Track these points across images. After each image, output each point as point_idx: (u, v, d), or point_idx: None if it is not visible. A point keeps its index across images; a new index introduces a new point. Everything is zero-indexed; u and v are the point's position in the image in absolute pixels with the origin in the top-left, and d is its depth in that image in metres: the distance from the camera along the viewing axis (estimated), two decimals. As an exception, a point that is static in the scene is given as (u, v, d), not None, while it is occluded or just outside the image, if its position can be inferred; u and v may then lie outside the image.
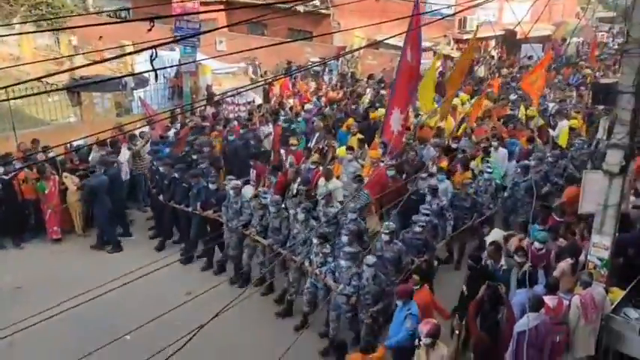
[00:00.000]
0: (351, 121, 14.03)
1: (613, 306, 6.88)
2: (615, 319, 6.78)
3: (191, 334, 4.31)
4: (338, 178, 10.90)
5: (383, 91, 17.74)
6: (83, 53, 18.07)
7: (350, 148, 11.71)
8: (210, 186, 10.22)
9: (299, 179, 10.68)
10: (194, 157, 11.89)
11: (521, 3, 19.61)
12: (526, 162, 11.01)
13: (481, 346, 6.17)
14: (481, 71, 21.90)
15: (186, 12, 16.51)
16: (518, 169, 10.68)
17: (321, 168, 11.12)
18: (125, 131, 12.85)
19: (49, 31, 20.86)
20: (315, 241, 8.07)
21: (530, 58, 23.97)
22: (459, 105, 15.58)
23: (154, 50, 4.09)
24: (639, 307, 6.98)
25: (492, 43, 26.33)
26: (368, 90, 18.45)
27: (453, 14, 22.32)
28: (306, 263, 8.33)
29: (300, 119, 14.95)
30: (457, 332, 6.36)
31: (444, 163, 11.35)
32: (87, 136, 10.95)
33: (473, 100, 15.42)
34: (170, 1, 18.18)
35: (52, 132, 13.74)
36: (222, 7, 27.38)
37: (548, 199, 10.48)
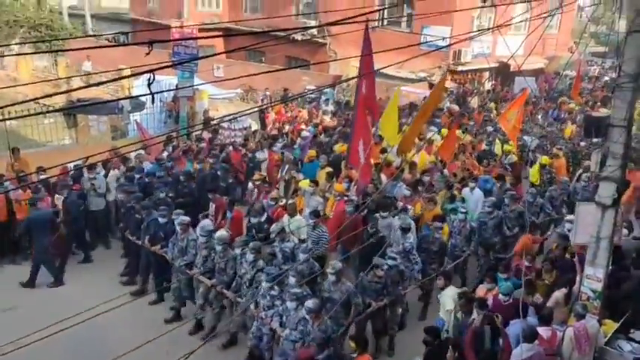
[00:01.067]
0: (313, 152, 13.48)
1: (606, 338, 6.87)
2: (609, 352, 6.77)
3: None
4: (301, 212, 10.47)
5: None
6: (80, 75, 18.16)
7: (314, 182, 11.27)
8: (160, 220, 9.63)
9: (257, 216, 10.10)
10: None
11: (515, 36, 19.97)
12: (492, 198, 10.66)
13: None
14: (475, 102, 22.11)
15: (184, 37, 16.68)
16: (486, 207, 10.29)
17: (283, 203, 10.77)
18: (120, 154, 12.83)
19: (46, 52, 20.98)
20: (263, 283, 7.59)
21: (522, 90, 24.28)
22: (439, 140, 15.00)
23: (151, 74, 4.14)
24: (632, 339, 6.98)
25: (486, 75, 26.70)
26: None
27: (447, 46, 22.69)
28: (252, 306, 7.86)
29: (295, 147, 15.01)
30: None
31: (418, 205, 10.74)
32: (80, 159, 10.95)
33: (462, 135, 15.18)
34: (169, 27, 18.40)
35: (47, 154, 13.74)
36: (220, 33, 27.70)
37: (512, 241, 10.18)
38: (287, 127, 17.49)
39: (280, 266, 8.29)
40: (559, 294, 7.60)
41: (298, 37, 25.62)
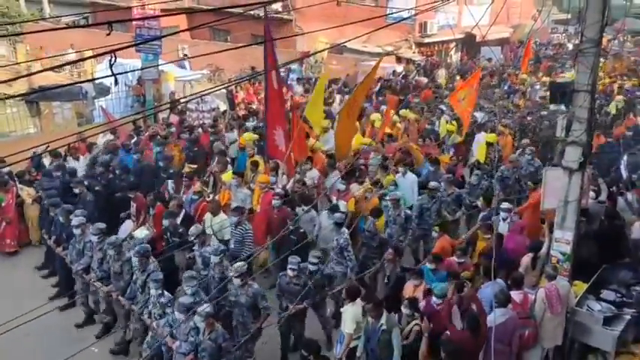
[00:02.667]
0: (248, 137, 12.40)
1: (577, 299, 7.07)
2: (580, 312, 6.95)
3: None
4: (226, 207, 9.66)
5: (348, 96, 17.83)
6: (36, 60, 17.59)
7: (238, 174, 10.49)
8: (61, 219, 9.07)
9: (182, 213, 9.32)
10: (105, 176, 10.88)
11: (480, 6, 20.03)
12: (434, 183, 9.98)
13: (452, 345, 6.20)
14: (441, 75, 22.21)
15: (144, 17, 16.26)
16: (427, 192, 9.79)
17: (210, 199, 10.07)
18: (86, 140, 12.57)
19: (4, 36, 20.30)
20: (152, 290, 7.05)
21: (489, 60, 24.47)
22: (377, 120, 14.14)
23: (112, 55, 4.04)
24: (602, 299, 7.19)
25: (452, 46, 26.82)
26: (337, 96, 18.42)
27: (410, 17, 22.68)
28: (145, 315, 7.35)
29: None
30: (426, 335, 6.36)
31: (352, 202, 9.77)
32: (44, 144, 10.53)
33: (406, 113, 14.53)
34: (130, 8, 17.94)
35: (11, 144, 13.39)
36: (183, 14, 27.13)
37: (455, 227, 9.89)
38: (255, 106, 17.33)
39: (200, 272, 7.78)
40: (526, 259, 7.78)
41: (262, 13, 25.25)
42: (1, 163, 10.22)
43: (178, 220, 8.91)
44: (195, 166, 11.40)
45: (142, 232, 9.03)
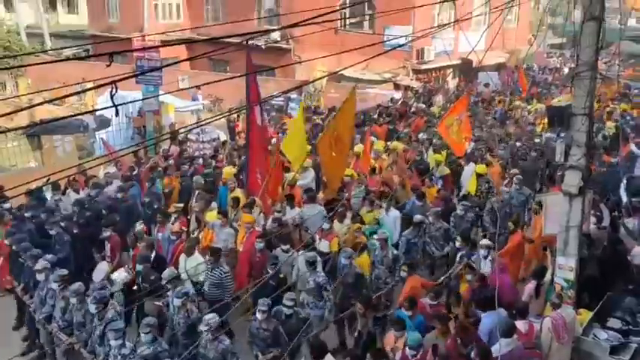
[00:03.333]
0: (229, 171, 11.81)
1: (582, 327, 6.97)
2: (586, 341, 6.85)
3: None
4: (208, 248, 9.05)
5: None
6: (35, 92, 17.75)
7: (223, 213, 9.85)
8: (29, 263, 8.47)
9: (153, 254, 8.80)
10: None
11: (476, 32, 20.24)
12: (419, 217, 9.56)
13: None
14: (439, 101, 22.34)
15: (145, 47, 16.45)
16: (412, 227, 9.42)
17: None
18: (87, 173, 12.56)
19: (5, 69, 20.54)
20: (112, 341, 6.54)
21: (487, 85, 24.63)
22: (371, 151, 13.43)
23: (114, 85, 4.06)
24: (608, 327, 7.09)
25: (449, 72, 27.05)
26: None
27: (407, 43, 22.89)
28: None
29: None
30: None
31: (335, 241, 9.25)
32: (45, 177, 10.39)
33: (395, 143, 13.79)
34: (130, 40, 18.16)
35: (12, 178, 13.40)
36: (182, 43, 27.43)
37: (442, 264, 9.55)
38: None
39: (173, 320, 7.37)
40: (530, 286, 7.70)
41: (261, 43, 25.54)
42: (2, 199, 10.20)
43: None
44: (182, 205, 10.91)
45: (120, 275, 8.52)
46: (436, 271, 9.75)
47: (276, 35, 26.72)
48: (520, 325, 6.61)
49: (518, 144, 15.19)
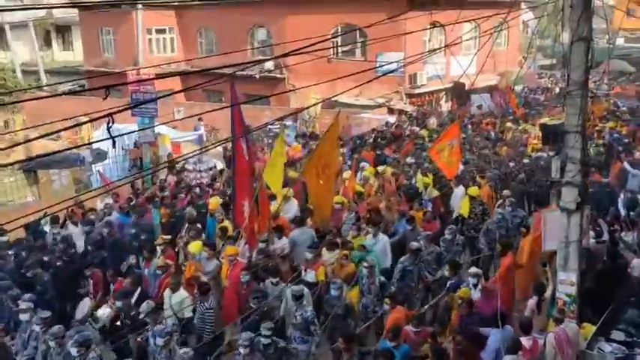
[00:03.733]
0: (215, 202, 11.63)
1: (587, 341, 6.95)
2: (591, 355, 6.83)
3: None
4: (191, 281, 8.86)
5: (342, 149, 17.91)
6: (30, 128, 17.84)
7: (210, 245, 9.69)
8: (10, 303, 8.19)
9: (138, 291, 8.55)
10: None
11: (467, 56, 20.56)
12: (415, 244, 9.27)
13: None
14: (433, 122, 22.53)
15: (141, 81, 16.62)
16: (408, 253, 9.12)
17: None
18: (83, 206, 12.57)
19: (1, 105, 20.73)
20: None
21: (479, 107, 24.87)
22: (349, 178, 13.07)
23: (110, 117, 4.13)
24: (612, 340, 7.07)
25: (442, 95, 27.36)
26: None
27: (398, 69, 23.19)
28: None
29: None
30: None
31: (321, 270, 8.98)
32: (42, 210, 10.39)
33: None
34: (125, 74, 18.36)
35: (9, 213, 13.40)
36: (176, 75, 27.74)
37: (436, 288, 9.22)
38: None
39: (155, 356, 7.11)
40: (532, 302, 7.70)
41: (256, 74, 25.84)
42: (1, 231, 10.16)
43: (134, 299, 8.23)
44: (169, 237, 10.58)
45: (104, 311, 8.25)
46: (432, 298, 9.30)
47: (269, 65, 27.03)
48: (524, 341, 6.60)
49: (512, 164, 15.18)
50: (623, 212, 10.94)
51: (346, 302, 7.99)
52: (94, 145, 17.29)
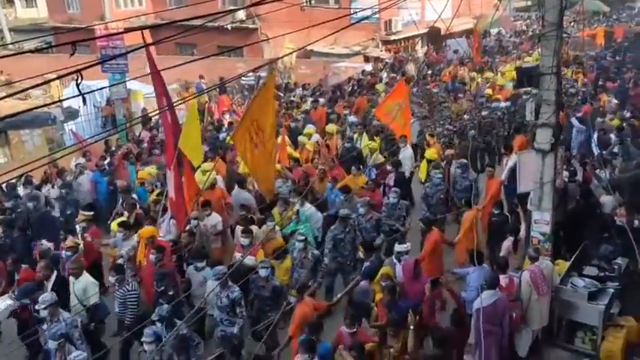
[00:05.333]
0: (147, 172, 10.86)
1: (560, 277, 7.17)
2: (564, 290, 7.06)
3: None
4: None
5: (321, 99, 17.70)
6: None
7: (124, 224, 8.84)
8: None
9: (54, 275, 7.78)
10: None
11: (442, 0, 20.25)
12: (344, 210, 8.60)
13: (440, 333, 6.28)
14: (411, 69, 22.37)
15: (109, 36, 16.11)
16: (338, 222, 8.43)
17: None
18: (57, 165, 12.36)
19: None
20: None
21: (456, 52, 24.72)
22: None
23: (78, 74, 4.01)
24: (585, 275, 7.31)
25: (418, 41, 27.09)
26: (309, 99, 18.07)
27: (373, 14, 22.85)
28: None
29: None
30: (412, 327, 6.36)
31: (261, 253, 8.14)
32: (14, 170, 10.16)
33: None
34: (92, 29, 17.78)
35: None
36: (145, 29, 26.96)
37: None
38: (227, 117, 17.24)
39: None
40: (507, 243, 7.89)
41: (228, 25, 25.22)
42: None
43: (50, 285, 7.55)
44: (91, 212, 9.53)
45: (3, 303, 7.50)
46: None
47: (241, 15, 26.36)
48: (501, 279, 6.78)
49: (466, 117, 14.15)
50: (596, 151, 11.13)
51: (274, 284, 7.40)
52: (65, 104, 16.89)
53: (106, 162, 12.84)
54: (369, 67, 23.71)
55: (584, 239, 7.86)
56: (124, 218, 9.32)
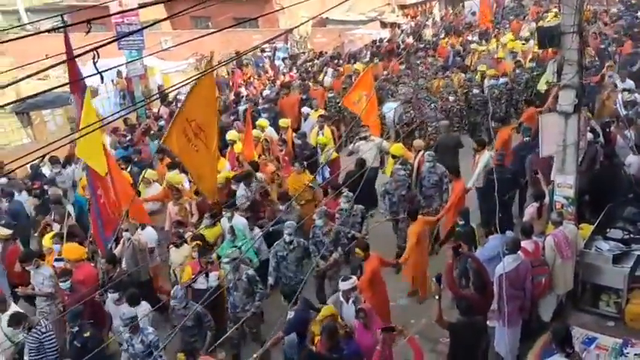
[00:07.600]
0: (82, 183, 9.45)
1: (585, 241, 7.10)
2: (589, 253, 7.00)
3: None
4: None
5: (340, 68, 17.46)
6: (21, 67, 17.50)
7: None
8: None
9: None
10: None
11: (459, -40, 19.70)
12: (289, 222, 7.61)
13: (465, 302, 6.25)
14: (428, 33, 21.96)
15: (124, 14, 16.06)
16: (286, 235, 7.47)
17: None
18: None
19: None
20: None
21: (474, 14, 24.14)
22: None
23: (95, 52, 4.02)
24: (609, 238, 7.22)
25: (435, 4, 26.56)
26: (327, 68, 17.57)
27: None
28: None
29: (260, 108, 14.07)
30: (437, 297, 6.24)
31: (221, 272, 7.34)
32: (38, 150, 10.17)
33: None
34: (106, 5, 17.74)
35: (7, 156, 13.37)
36: (160, 3, 26.84)
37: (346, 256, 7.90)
38: (244, 91, 17.19)
39: None
40: (531, 209, 7.77)
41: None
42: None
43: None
44: (9, 232, 8.28)
45: None
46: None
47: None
48: (527, 244, 6.72)
49: (451, 98, 12.70)
50: (622, 111, 10.87)
51: (198, 311, 6.59)
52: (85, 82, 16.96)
53: (127, 139, 12.96)
54: (386, 34, 23.37)
55: (609, 201, 7.74)
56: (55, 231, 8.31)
